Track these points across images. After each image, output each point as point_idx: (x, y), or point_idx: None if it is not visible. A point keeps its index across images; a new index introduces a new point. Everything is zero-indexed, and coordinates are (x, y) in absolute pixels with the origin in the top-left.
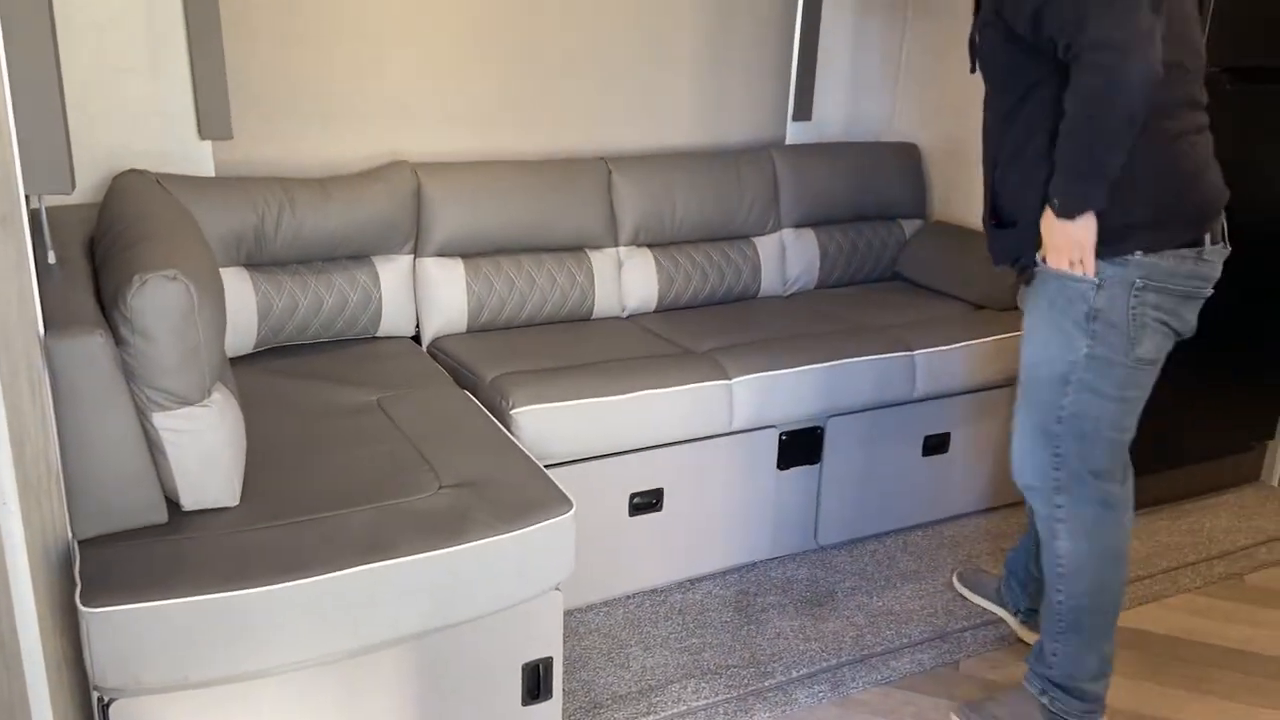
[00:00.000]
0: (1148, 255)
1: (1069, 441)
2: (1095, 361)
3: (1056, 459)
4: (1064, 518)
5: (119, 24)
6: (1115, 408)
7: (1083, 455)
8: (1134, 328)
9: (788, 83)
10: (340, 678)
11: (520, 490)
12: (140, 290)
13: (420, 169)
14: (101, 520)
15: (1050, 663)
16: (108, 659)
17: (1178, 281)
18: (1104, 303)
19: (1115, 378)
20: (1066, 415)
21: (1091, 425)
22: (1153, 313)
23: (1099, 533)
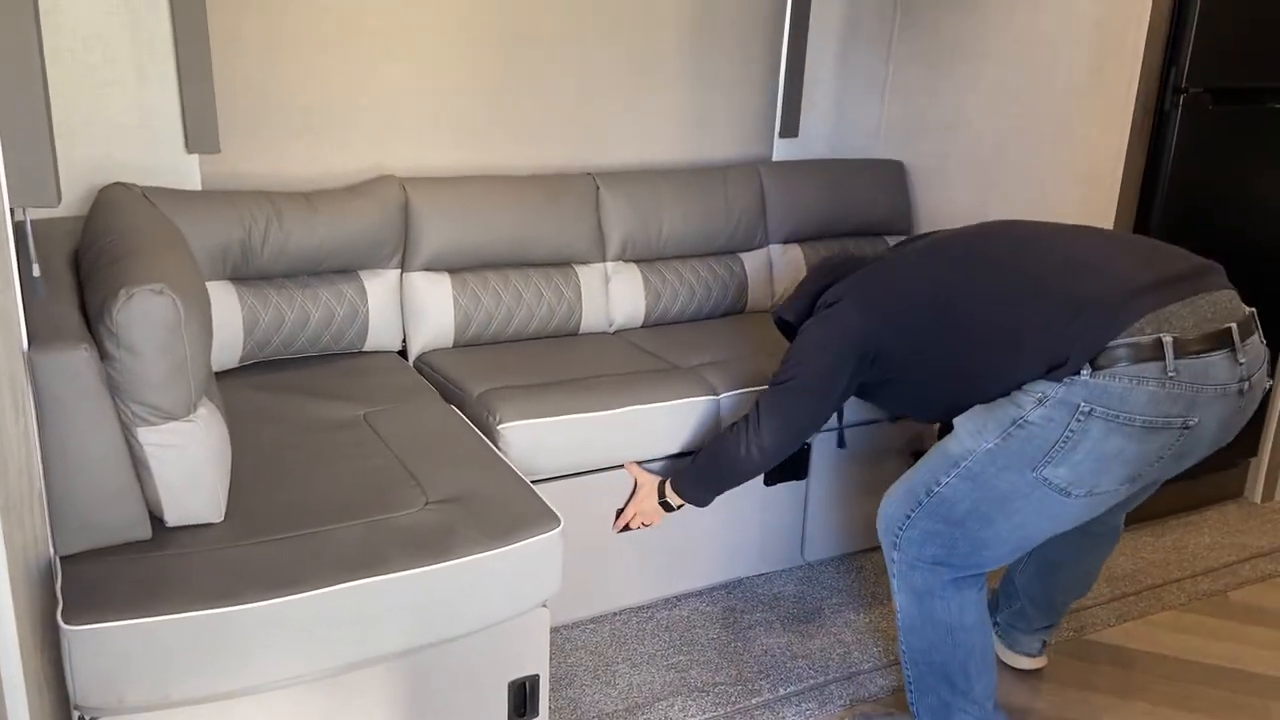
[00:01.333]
0: (1095, 376)
1: (927, 518)
2: (993, 462)
3: (906, 520)
4: (896, 574)
5: (105, 37)
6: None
7: (929, 536)
8: (1058, 450)
9: (774, 100)
10: (326, 695)
11: (507, 506)
12: (126, 304)
13: (407, 183)
14: (84, 536)
15: (915, 713)
16: (89, 677)
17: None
18: (1038, 418)
19: (1007, 493)
20: (939, 493)
21: (958, 515)
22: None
23: (927, 600)
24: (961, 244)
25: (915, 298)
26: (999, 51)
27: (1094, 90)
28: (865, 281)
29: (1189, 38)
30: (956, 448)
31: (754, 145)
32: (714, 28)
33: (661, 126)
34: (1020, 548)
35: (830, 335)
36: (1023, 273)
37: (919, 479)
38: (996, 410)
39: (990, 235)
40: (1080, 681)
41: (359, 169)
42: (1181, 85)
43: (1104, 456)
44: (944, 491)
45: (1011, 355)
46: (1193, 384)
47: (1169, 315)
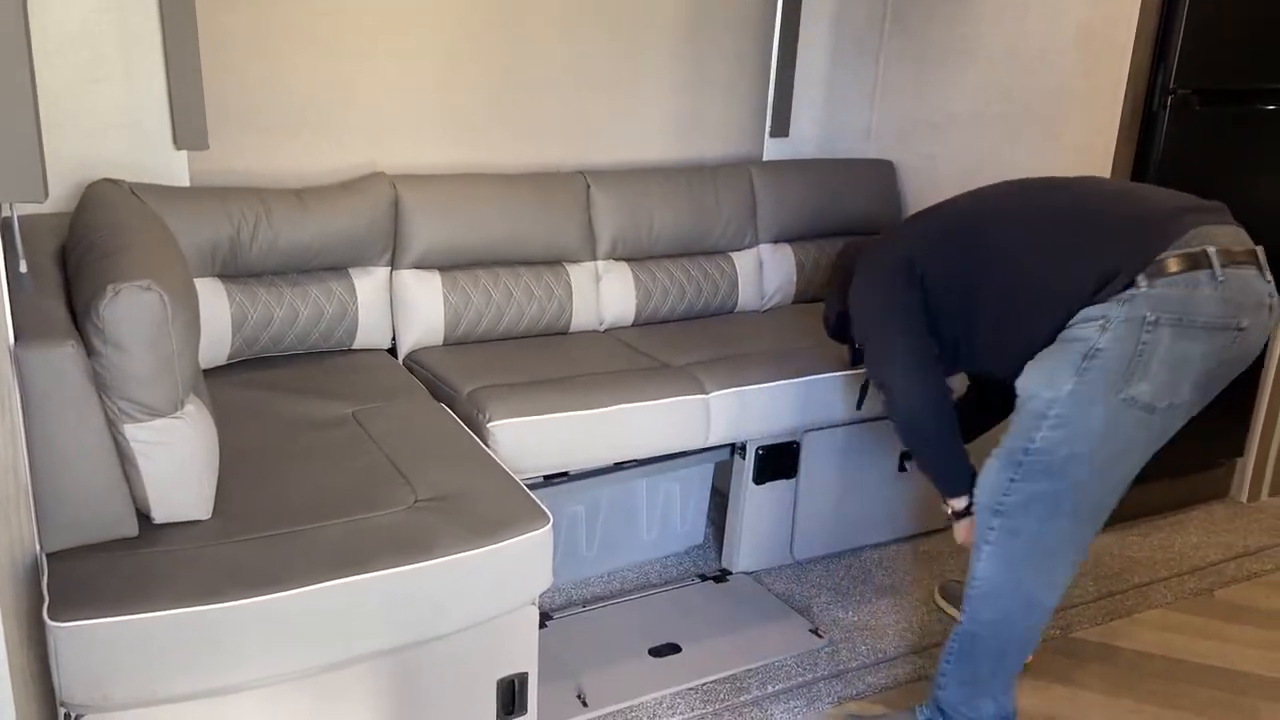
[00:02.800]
0: (1148, 284)
1: (1029, 478)
2: (1078, 401)
3: (1010, 483)
4: (993, 540)
5: (93, 33)
6: (1083, 460)
7: (1035, 495)
8: (1134, 366)
9: (765, 99)
10: (313, 693)
11: (496, 504)
12: (113, 300)
13: (398, 181)
14: (71, 533)
15: (940, 684)
16: (75, 675)
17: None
18: (1107, 342)
19: (1099, 423)
20: (1036, 449)
21: (1056, 467)
22: (1175, 350)
23: (1019, 569)
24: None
25: (952, 226)
26: (988, 52)
27: (1082, 91)
28: (892, 233)
29: (1177, 39)
30: (1036, 403)
31: (744, 145)
32: (705, 27)
33: (652, 125)
34: (1122, 485)
35: (873, 275)
36: (1065, 196)
37: (1012, 443)
38: (1060, 353)
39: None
40: (1067, 679)
41: (349, 166)
42: (1169, 86)
43: (1176, 362)
44: (1040, 445)
45: (1061, 271)
46: (1239, 290)
47: (1208, 232)
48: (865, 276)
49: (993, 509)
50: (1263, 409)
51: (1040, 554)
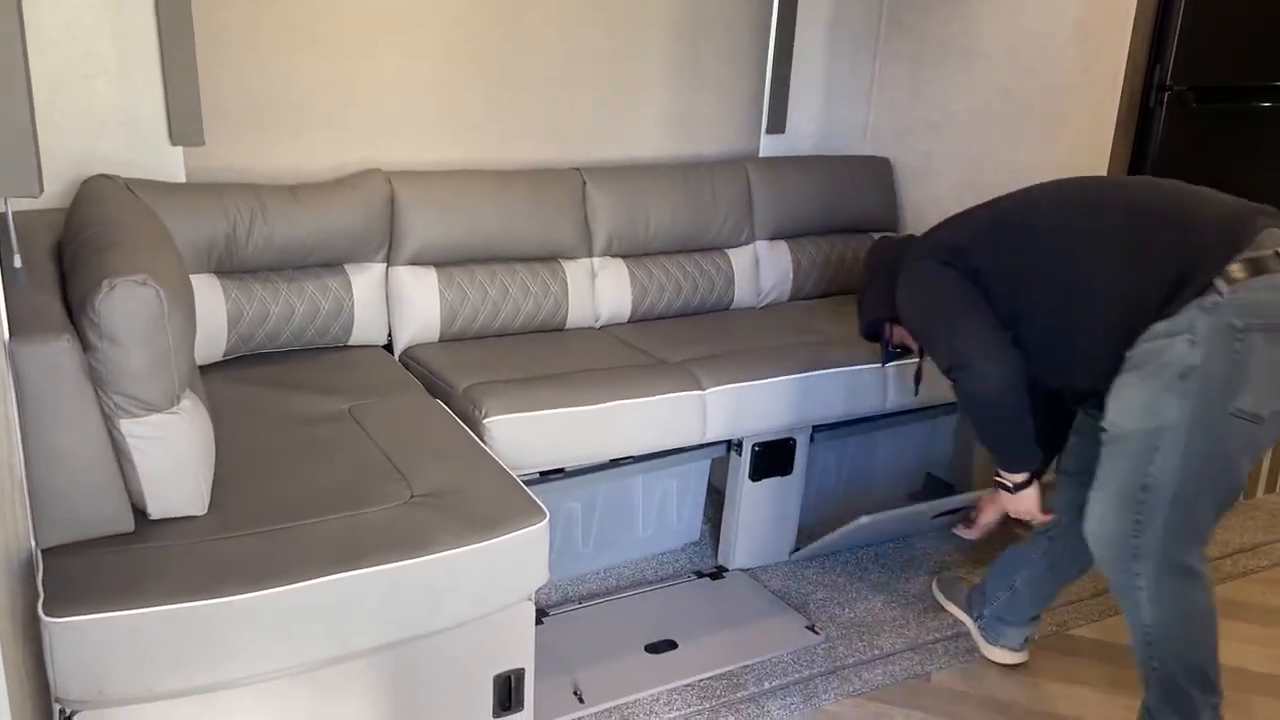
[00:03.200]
0: (1229, 289)
1: (1156, 510)
2: (1194, 424)
3: (1136, 525)
4: (1143, 585)
5: (88, 28)
6: (1213, 469)
7: (1170, 525)
8: (1237, 379)
9: (762, 96)
10: (309, 688)
11: (492, 500)
12: (109, 295)
13: (394, 177)
14: (66, 529)
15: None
16: (70, 670)
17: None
18: (1200, 358)
19: (1217, 439)
20: (1156, 484)
21: (1189, 491)
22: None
23: (1184, 596)
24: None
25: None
26: (985, 49)
27: (1079, 87)
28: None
29: (1173, 36)
30: (1140, 435)
31: (741, 141)
32: (702, 24)
33: (649, 122)
34: (1236, 491)
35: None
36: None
37: (1123, 482)
38: (1153, 379)
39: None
40: (1065, 676)
41: (345, 163)
42: (1166, 83)
43: (1272, 367)
44: (1158, 478)
45: (1126, 275)
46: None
47: (1272, 235)
48: (918, 265)
49: (1131, 554)
50: None
51: (1192, 577)
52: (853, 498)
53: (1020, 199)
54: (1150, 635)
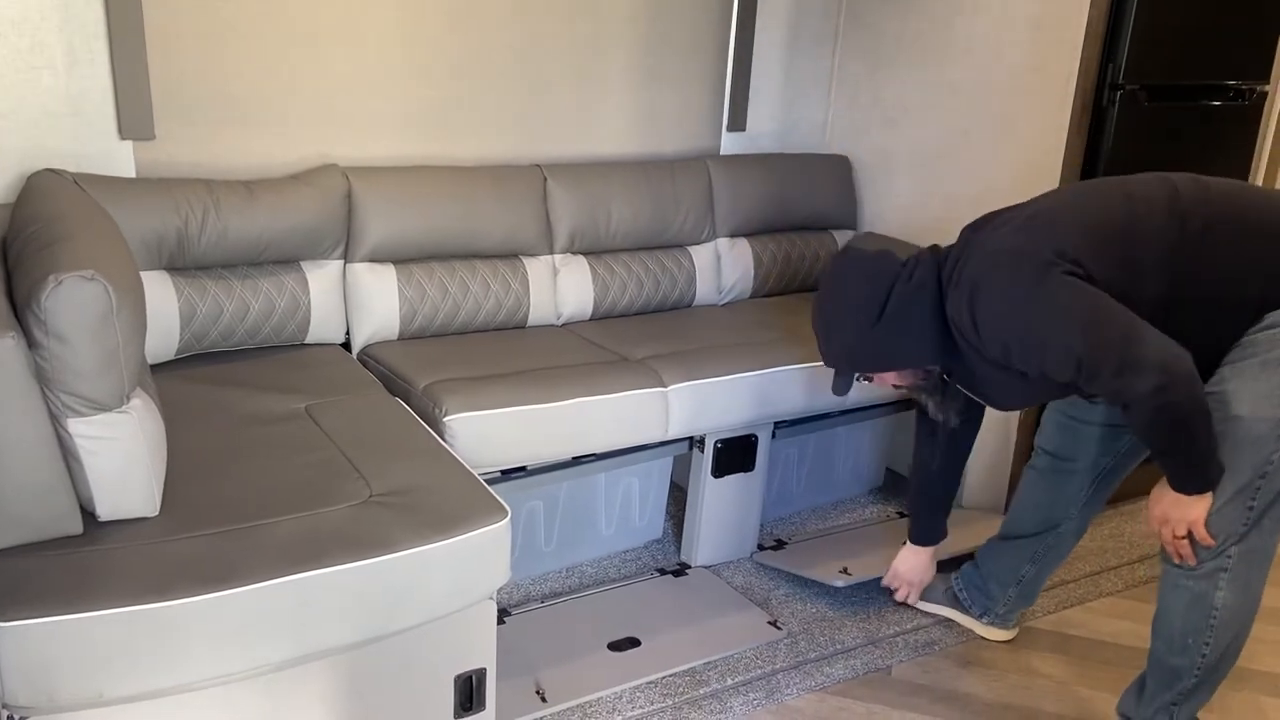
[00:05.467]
0: None
1: (1268, 494)
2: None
3: (1249, 512)
4: (1229, 568)
5: (35, 20)
6: None
7: (1272, 508)
8: None
9: (722, 94)
10: (266, 692)
11: (453, 498)
12: (55, 291)
13: (351, 173)
14: (12, 531)
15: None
16: (19, 675)
17: None
18: None
19: None
20: (1274, 469)
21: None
22: None
23: (1257, 584)
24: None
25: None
26: (941, 49)
27: (1034, 87)
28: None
29: (1126, 36)
30: (1266, 421)
31: (702, 139)
32: (662, 20)
33: (610, 119)
34: None
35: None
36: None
37: (1244, 474)
38: (1276, 364)
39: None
40: (1021, 667)
41: (301, 158)
42: (1118, 82)
43: None
44: (1278, 463)
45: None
46: None
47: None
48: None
49: (1234, 540)
50: None
51: (1267, 561)
52: (814, 493)
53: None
54: (1217, 618)
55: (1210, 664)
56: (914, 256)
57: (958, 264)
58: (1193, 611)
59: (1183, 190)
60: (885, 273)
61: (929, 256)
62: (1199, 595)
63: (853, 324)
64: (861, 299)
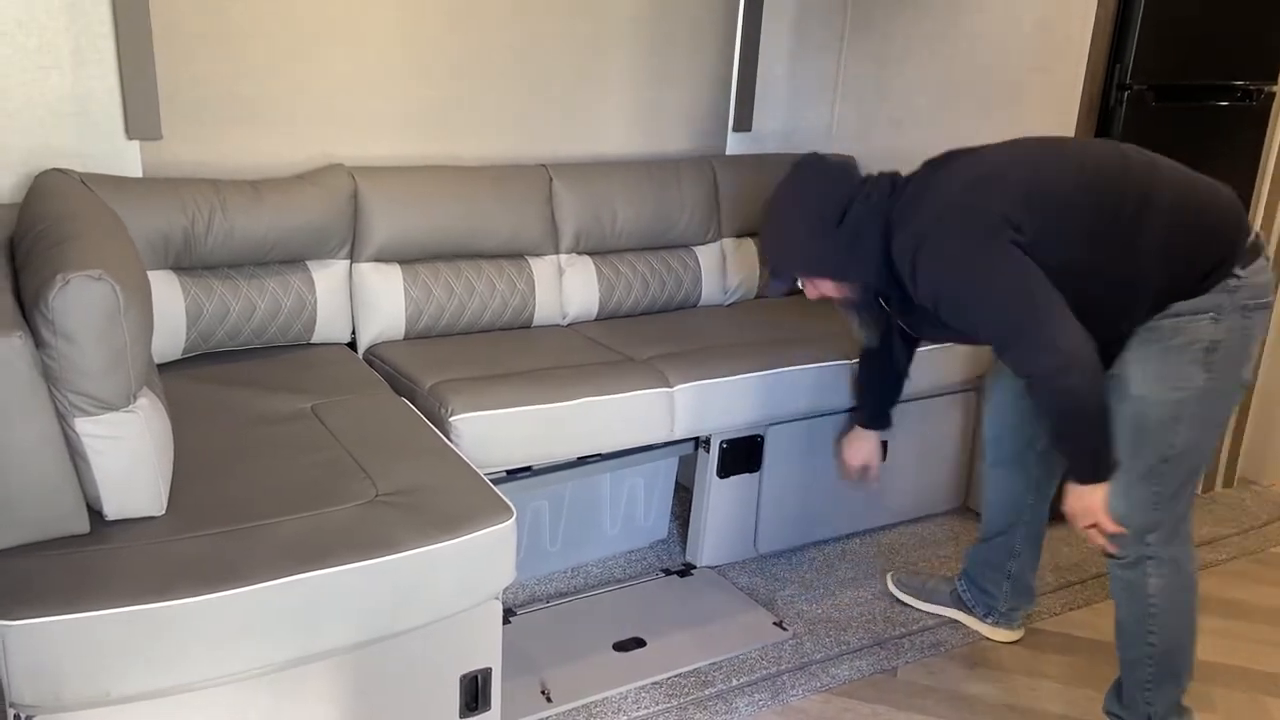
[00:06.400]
0: (1244, 272)
1: (1173, 479)
2: (1209, 393)
3: (1156, 496)
4: (1153, 554)
5: (43, 20)
6: (1213, 437)
7: (1180, 492)
8: (1244, 351)
9: (728, 94)
10: (271, 691)
11: (458, 498)
12: (63, 290)
13: (357, 173)
14: (19, 530)
15: (1150, 714)
16: (25, 675)
17: (1266, 294)
18: (1223, 333)
19: (1224, 406)
20: (1176, 454)
21: (1197, 459)
22: (1259, 332)
23: (1185, 564)
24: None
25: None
26: (947, 49)
27: (1040, 87)
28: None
29: (1133, 36)
30: (1164, 405)
31: (708, 139)
32: (668, 20)
33: (615, 119)
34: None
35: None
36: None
37: (1146, 459)
38: (1179, 353)
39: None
40: (1028, 669)
41: (307, 158)
42: (1125, 82)
43: (1259, 341)
44: (1180, 448)
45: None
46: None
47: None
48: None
49: (1147, 528)
50: None
51: (1187, 541)
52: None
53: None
54: (1154, 607)
55: (1162, 651)
56: (872, 177)
57: (910, 205)
58: (1132, 602)
59: (1133, 169)
60: (848, 181)
61: (886, 184)
62: (1132, 585)
63: (812, 225)
64: (825, 201)
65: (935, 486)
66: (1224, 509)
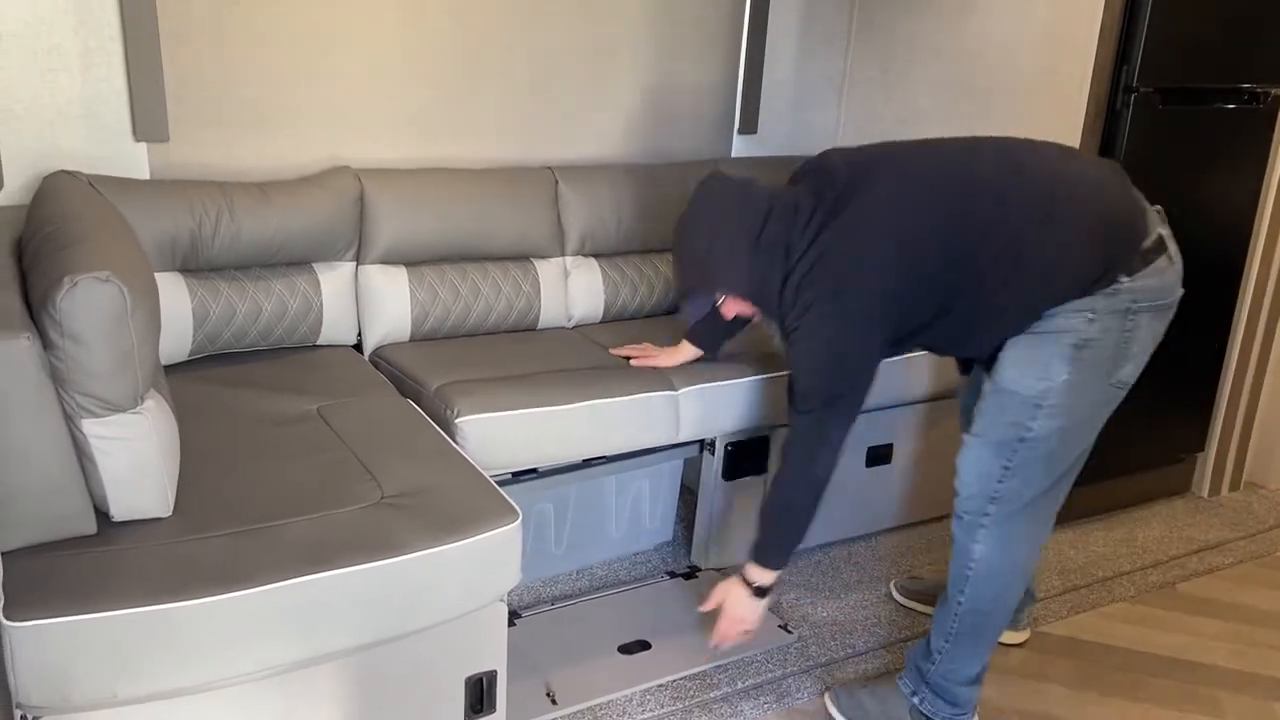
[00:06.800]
0: (1130, 279)
1: (1024, 460)
2: (1074, 388)
3: (1004, 471)
4: (989, 524)
5: (51, 22)
6: (1080, 433)
7: (1031, 476)
8: (1121, 352)
9: (734, 97)
10: (277, 692)
11: (464, 500)
12: (71, 292)
13: (364, 175)
14: (26, 531)
15: (934, 660)
16: (32, 675)
17: (1166, 295)
18: (1096, 332)
19: (1091, 404)
20: (1032, 437)
21: (1057, 448)
22: (1147, 334)
23: (1016, 544)
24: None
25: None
26: (953, 51)
27: (1047, 89)
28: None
29: (1140, 38)
30: (1029, 393)
31: (713, 142)
32: (674, 23)
33: (621, 121)
34: (1088, 451)
35: (844, 327)
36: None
37: (1004, 434)
38: (1050, 344)
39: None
40: (1033, 673)
41: (314, 160)
42: (1132, 85)
43: (1148, 342)
44: (1037, 433)
45: (1051, 287)
46: (1179, 263)
47: (1152, 213)
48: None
49: (989, 496)
50: (1222, 405)
51: (1032, 525)
52: None
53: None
54: (974, 570)
55: (966, 614)
56: (777, 197)
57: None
58: (957, 561)
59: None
60: (759, 199)
61: (790, 205)
62: (960, 546)
63: (733, 244)
64: (743, 220)
65: (939, 490)
66: (1230, 513)
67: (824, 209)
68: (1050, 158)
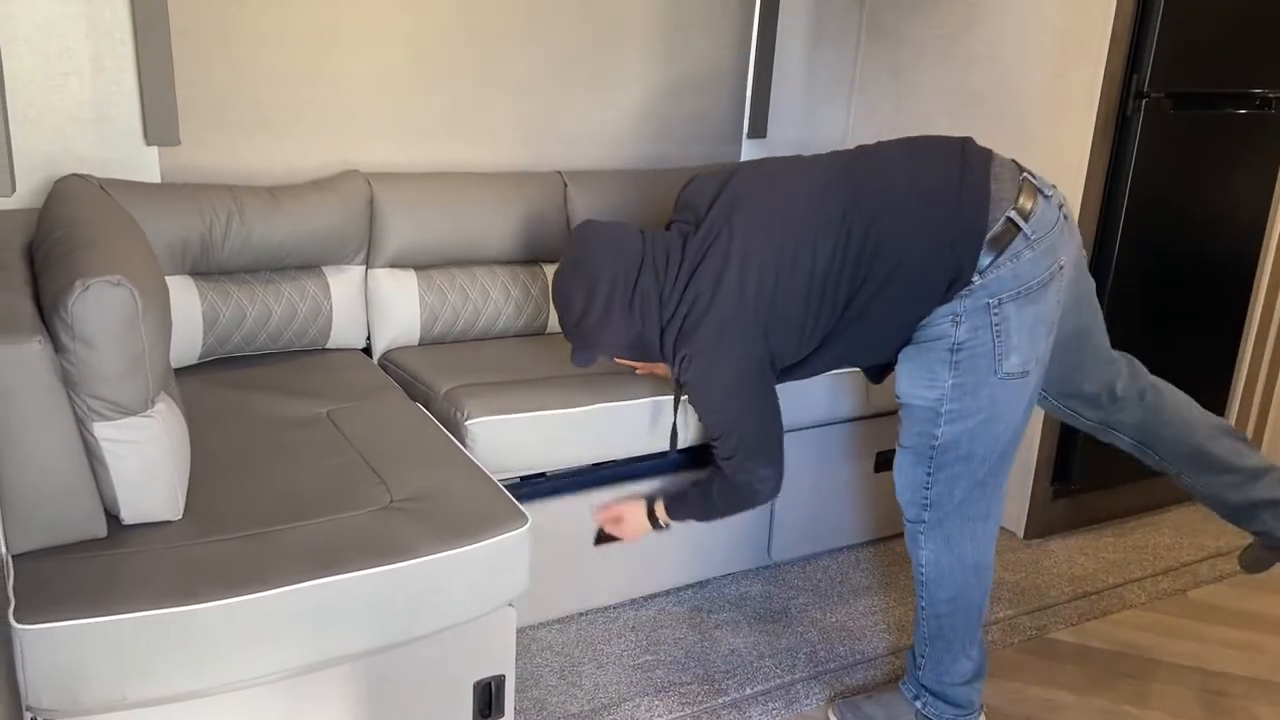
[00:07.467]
0: (981, 275)
1: (942, 467)
2: (964, 392)
3: (927, 478)
4: (926, 530)
5: (62, 27)
6: (992, 431)
7: (953, 477)
8: (1001, 345)
9: (743, 101)
10: (287, 696)
11: (473, 504)
12: (82, 296)
13: (373, 179)
14: (37, 534)
15: (921, 665)
16: (43, 678)
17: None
18: (965, 334)
19: (990, 401)
20: (940, 444)
21: (969, 450)
22: (1024, 319)
23: (958, 544)
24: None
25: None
26: (963, 56)
27: (1057, 95)
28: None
29: (1151, 43)
30: (923, 401)
31: (723, 146)
32: (683, 27)
33: (630, 126)
34: (1021, 435)
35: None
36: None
37: (917, 443)
38: (929, 353)
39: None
40: (1043, 679)
41: (324, 164)
42: (1143, 90)
43: (1028, 327)
44: (944, 439)
45: (915, 302)
46: (1046, 234)
47: (996, 195)
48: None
49: (920, 504)
50: (1232, 416)
51: (971, 523)
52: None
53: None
54: (924, 574)
55: (929, 618)
56: (650, 244)
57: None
58: (913, 564)
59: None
60: (632, 249)
61: (662, 254)
62: (911, 553)
63: (609, 304)
64: (619, 273)
65: None
66: None
67: (691, 257)
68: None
